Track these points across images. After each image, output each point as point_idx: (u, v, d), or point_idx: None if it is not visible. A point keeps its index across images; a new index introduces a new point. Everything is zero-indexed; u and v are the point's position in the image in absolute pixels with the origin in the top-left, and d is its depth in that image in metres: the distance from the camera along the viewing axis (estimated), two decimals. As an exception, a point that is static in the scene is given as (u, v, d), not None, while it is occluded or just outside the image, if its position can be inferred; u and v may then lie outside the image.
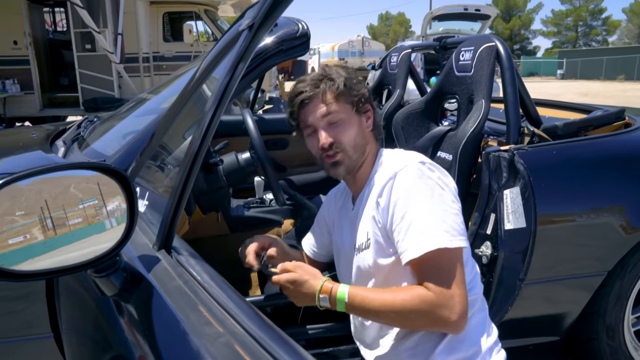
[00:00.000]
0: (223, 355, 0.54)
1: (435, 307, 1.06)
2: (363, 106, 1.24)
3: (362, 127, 1.24)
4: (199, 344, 0.57)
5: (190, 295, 0.65)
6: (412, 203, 1.11)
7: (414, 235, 1.09)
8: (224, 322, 0.58)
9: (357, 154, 1.23)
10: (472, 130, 1.70)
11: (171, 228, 0.79)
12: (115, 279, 0.75)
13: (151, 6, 8.30)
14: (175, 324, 0.62)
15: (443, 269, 1.08)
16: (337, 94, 1.20)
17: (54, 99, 8.41)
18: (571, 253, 1.68)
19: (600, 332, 1.77)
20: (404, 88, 2.64)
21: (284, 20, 1.62)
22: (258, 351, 0.53)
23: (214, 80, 0.87)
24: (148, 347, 0.63)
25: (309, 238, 1.51)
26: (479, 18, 7.67)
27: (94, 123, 1.99)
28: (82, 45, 7.72)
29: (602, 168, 1.70)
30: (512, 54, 14.17)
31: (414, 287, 1.11)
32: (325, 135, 1.20)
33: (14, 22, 7.71)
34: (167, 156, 1.20)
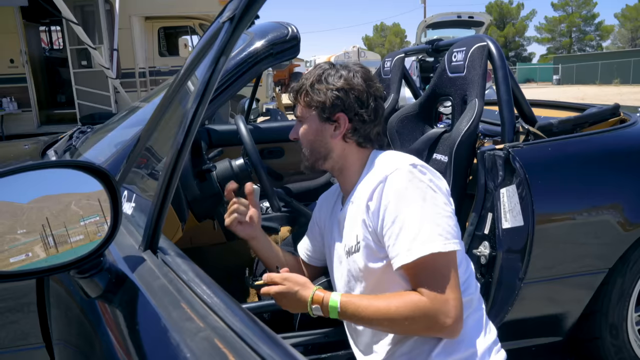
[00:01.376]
0: (201, 349, 0.53)
1: (430, 312, 1.04)
2: (326, 113, 1.21)
3: (322, 133, 1.23)
4: (178, 339, 0.56)
5: (174, 293, 0.64)
6: (403, 207, 1.09)
7: (405, 241, 1.07)
8: (205, 318, 0.57)
9: (314, 157, 1.26)
10: (466, 129, 1.69)
11: (156, 228, 0.77)
12: (99, 279, 0.73)
13: (146, 22, 8.36)
14: (157, 321, 0.61)
15: (437, 273, 1.06)
16: (299, 95, 1.25)
17: (52, 116, 8.44)
18: (570, 251, 1.66)
19: (603, 331, 1.74)
20: (399, 92, 2.63)
21: (274, 24, 1.62)
22: (238, 344, 0.52)
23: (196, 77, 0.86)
24: (131, 346, 0.61)
25: (303, 243, 1.51)
26: (472, 25, 7.72)
27: (85, 133, 1.98)
28: (78, 62, 7.78)
29: (599, 164, 1.69)
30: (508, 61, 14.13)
31: (408, 293, 1.09)
32: (293, 129, 1.28)
33: (10, 41, 7.77)
34: (153, 158, 1.18)
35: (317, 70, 1.24)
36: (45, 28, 10.34)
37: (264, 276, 1.18)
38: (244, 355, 0.51)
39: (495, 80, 1.79)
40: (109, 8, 7.64)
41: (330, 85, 1.20)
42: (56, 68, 9.15)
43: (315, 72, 1.23)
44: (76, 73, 7.78)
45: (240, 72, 1.51)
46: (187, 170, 1.59)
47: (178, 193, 1.52)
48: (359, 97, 1.21)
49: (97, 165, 0.72)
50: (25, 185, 0.70)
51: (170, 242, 0.87)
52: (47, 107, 8.67)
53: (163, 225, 0.78)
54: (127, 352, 0.60)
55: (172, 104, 0.94)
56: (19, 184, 0.68)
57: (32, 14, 8.22)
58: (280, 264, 1.43)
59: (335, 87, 1.20)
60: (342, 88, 1.20)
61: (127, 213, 1.01)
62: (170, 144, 0.75)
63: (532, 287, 1.61)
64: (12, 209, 0.74)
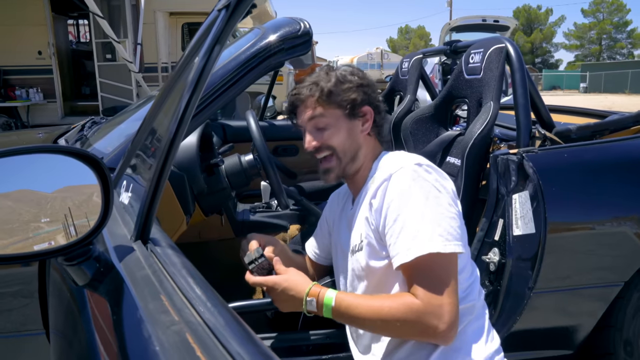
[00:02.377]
0: (171, 343, 0.52)
1: (423, 316, 1.01)
2: (356, 110, 1.21)
3: (353, 131, 1.22)
4: (151, 331, 0.55)
5: (155, 284, 0.63)
6: (405, 206, 1.07)
7: (405, 239, 1.04)
8: (181, 311, 0.56)
9: (347, 159, 1.22)
10: (479, 133, 1.65)
11: (147, 219, 0.76)
12: (87, 267, 0.73)
13: (170, 17, 8.46)
14: (134, 312, 0.60)
15: (434, 275, 1.03)
16: (322, 99, 1.19)
17: (75, 108, 8.62)
18: (584, 262, 1.60)
19: (617, 346, 1.68)
20: (415, 93, 2.60)
21: (287, 19, 1.61)
22: (209, 340, 0.51)
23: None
24: (108, 335, 0.61)
25: (311, 241, 1.50)
26: (497, 29, 7.58)
27: (98, 124, 2.00)
28: (103, 55, 7.92)
29: (618, 172, 1.62)
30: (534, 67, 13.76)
31: (402, 295, 1.06)
32: (310, 138, 1.21)
33: (38, 33, 7.96)
34: (151, 147, 1.18)
35: (326, 74, 1.22)
36: (73, 21, 10.58)
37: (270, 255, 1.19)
38: (212, 351, 0.50)
39: (512, 83, 1.74)
40: (134, 3, 7.76)
41: (354, 82, 1.21)
42: (82, 61, 9.35)
43: (328, 75, 1.21)
44: (100, 66, 7.92)
45: (251, 66, 1.50)
46: (194, 164, 1.59)
47: (184, 186, 1.51)
48: (375, 89, 1.26)
49: (88, 152, 0.72)
50: (16, 169, 0.70)
51: (164, 234, 0.86)
52: (71, 99, 8.86)
53: (154, 216, 0.77)
54: (104, 342, 0.60)
55: (171, 93, 0.93)
56: (9, 167, 0.68)
57: (60, 7, 8.41)
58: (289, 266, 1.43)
59: (359, 82, 1.21)
60: (363, 83, 1.22)
61: (124, 203, 1.00)
62: (164, 133, 0.74)
63: (543, 297, 1.56)
64: (38, 197, 0.76)
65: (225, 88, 1.48)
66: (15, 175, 0.70)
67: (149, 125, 1.00)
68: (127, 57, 7.23)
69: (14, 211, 0.73)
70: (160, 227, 0.95)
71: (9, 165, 0.68)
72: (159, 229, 0.90)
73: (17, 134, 3.09)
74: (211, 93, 1.45)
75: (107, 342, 0.61)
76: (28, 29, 7.96)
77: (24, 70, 8.20)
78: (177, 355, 0.50)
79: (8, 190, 0.71)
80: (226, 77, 1.47)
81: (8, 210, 0.73)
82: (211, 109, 1.47)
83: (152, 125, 1.00)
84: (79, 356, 0.66)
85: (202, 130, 1.71)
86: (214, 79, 1.46)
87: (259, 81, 3.19)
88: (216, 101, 1.47)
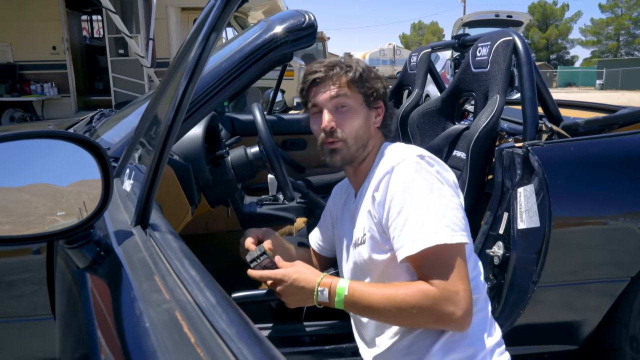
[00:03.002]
0: (160, 320, 0.54)
1: (439, 302, 1.01)
2: (375, 101, 1.22)
3: (368, 121, 1.22)
4: (142, 309, 0.57)
5: (151, 265, 0.65)
6: (409, 198, 1.07)
7: (410, 232, 1.05)
8: (173, 291, 0.58)
9: (356, 146, 1.21)
10: (484, 125, 1.64)
11: (146, 205, 0.78)
12: (87, 251, 0.75)
13: (182, 12, 8.52)
14: (129, 291, 0.62)
15: (445, 264, 1.04)
16: (350, 81, 1.19)
17: (89, 102, 8.75)
18: (589, 256, 1.59)
19: (623, 342, 1.66)
20: (423, 87, 2.59)
21: (292, 11, 1.61)
22: (197, 317, 0.53)
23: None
24: (104, 312, 0.63)
25: (315, 232, 1.51)
26: (511, 24, 7.49)
27: (106, 116, 2.03)
28: (115, 51, 8.02)
29: (625, 167, 1.60)
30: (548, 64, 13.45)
31: (417, 282, 1.06)
32: (330, 118, 1.19)
33: (53, 28, 8.09)
34: (153, 135, 1.20)
35: (353, 62, 1.23)
36: (87, 17, 10.70)
37: (259, 273, 1.16)
38: (198, 326, 0.51)
39: (519, 76, 1.73)
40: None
41: (376, 75, 1.24)
42: (95, 56, 9.48)
43: (356, 63, 1.23)
44: (113, 61, 8.02)
45: (256, 58, 1.50)
46: (200, 155, 1.61)
47: (189, 177, 1.53)
48: (386, 87, 1.27)
49: (88, 138, 0.74)
50: (18, 153, 0.72)
51: (165, 221, 0.88)
52: (85, 94, 8.99)
53: (153, 201, 0.79)
54: (100, 321, 0.62)
55: (171, 82, 0.95)
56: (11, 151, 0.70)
57: (74, 3, 8.52)
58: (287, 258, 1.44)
59: (378, 76, 1.25)
60: (380, 78, 1.25)
61: (127, 190, 1.02)
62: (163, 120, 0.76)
63: (547, 291, 1.55)
64: (54, 191, 0.78)
65: (231, 79, 1.49)
66: (17, 159, 0.72)
67: (151, 114, 1.02)
68: (140, 52, 7.30)
69: (23, 199, 0.75)
70: (161, 214, 0.97)
71: (11, 150, 0.70)
72: (160, 215, 0.91)
73: (31, 126, 3.15)
74: (216, 84, 1.46)
75: (103, 320, 0.63)
76: (43, 25, 8.09)
77: (38, 65, 8.35)
78: (165, 331, 0.52)
79: (10, 173, 0.73)
80: (231, 68, 1.48)
81: (16, 199, 0.75)
82: (216, 100, 1.48)
83: (154, 114, 1.02)
84: (77, 335, 0.68)
85: (208, 122, 1.73)
86: (218, 71, 1.47)
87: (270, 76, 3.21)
88: (221, 92, 1.48)
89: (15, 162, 0.72)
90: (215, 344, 0.49)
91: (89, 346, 0.62)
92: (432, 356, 1.11)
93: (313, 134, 1.25)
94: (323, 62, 1.23)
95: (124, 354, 0.55)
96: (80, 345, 0.68)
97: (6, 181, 0.73)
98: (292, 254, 1.44)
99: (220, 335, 0.50)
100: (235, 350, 0.48)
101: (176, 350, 0.50)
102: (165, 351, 0.50)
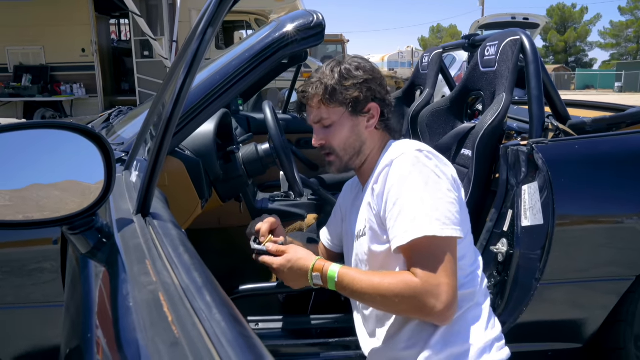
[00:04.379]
0: (144, 300, 0.58)
1: (419, 293, 1.03)
2: (359, 107, 1.21)
3: (357, 127, 1.23)
4: (129, 290, 0.61)
5: (144, 251, 0.69)
6: (404, 191, 1.10)
7: (403, 222, 1.07)
8: (160, 274, 0.62)
9: (348, 156, 1.25)
10: (489, 124, 1.66)
11: (147, 194, 0.82)
12: (89, 237, 0.80)
13: (206, 15, 8.66)
14: (120, 274, 0.67)
15: (431, 256, 1.06)
16: (326, 97, 1.20)
17: (115, 102, 8.99)
18: (593, 255, 1.58)
19: (628, 341, 1.65)
20: (434, 87, 2.60)
21: (301, 11, 1.66)
22: (178, 298, 0.57)
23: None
24: (95, 296, 0.68)
25: (325, 229, 1.55)
26: (527, 27, 7.37)
27: (124, 113, 2.11)
28: (141, 53, 8.23)
29: (631, 165, 1.59)
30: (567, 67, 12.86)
31: (402, 273, 1.09)
32: (316, 137, 1.26)
33: (82, 32, 8.38)
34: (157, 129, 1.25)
35: (331, 70, 1.22)
36: (115, 21, 11.01)
37: (268, 245, 1.22)
38: (177, 306, 0.55)
39: (526, 75, 1.73)
40: (171, 2, 8.01)
41: (358, 79, 1.20)
42: (122, 58, 9.75)
43: (332, 71, 1.21)
44: (138, 63, 8.24)
45: (265, 56, 1.54)
46: (211, 150, 1.66)
47: (199, 171, 1.59)
48: (382, 83, 1.25)
49: (91, 129, 0.79)
50: (25, 143, 0.78)
51: (167, 211, 0.92)
52: (111, 94, 9.26)
53: (154, 191, 0.83)
54: (93, 301, 0.67)
55: (173, 78, 1.00)
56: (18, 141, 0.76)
57: (103, 7, 8.79)
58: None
59: (363, 78, 1.21)
60: (368, 78, 1.21)
61: (133, 181, 1.08)
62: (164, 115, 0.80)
63: (550, 289, 1.55)
64: (82, 188, 0.82)
65: (241, 77, 1.54)
66: (23, 148, 0.77)
67: (157, 108, 1.07)
68: (163, 54, 7.48)
69: (33, 189, 0.80)
70: (165, 205, 1.02)
71: (18, 139, 0.76)
72: (163, 206, 0.96)
73: None
74: (227, 81, 1.51)
75: (95, 302, 0.68)
76: (73, 29, 8.40)
77: (68, 67, 8.66)
78: (146, 310, 0.56)
79: (16, 162, 0.78)
80: (241, 66, 1.52)
81: (28, 189, 0.80)
82: (227, 96, 1.52)
83: (158, 108, 1.07)
84: (73, 318, 0.73)
85: (220, 119, 1.78)
86: (228, 69, 1.52)
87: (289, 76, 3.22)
88: (232, 89, 1.52)
89: (21, 151, 0.77)
90: (190, 323, 0.52)
91: (82, 327, 0.66)
92: (430, 348, 1.13)
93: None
94: (312, 78, 1.24)
95: (111, 332, 0.58)
96: (74, 327, 0.72)
97: (14, 169, 0.78)
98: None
99: (198, 315, 0.53)
100: (209, 329, 0.50)
101: (153, 328, 0.53)
102: (142, 329, 0.53)
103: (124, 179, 1.13)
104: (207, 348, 0.46)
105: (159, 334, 0.51)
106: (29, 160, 0.80)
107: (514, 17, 7.33)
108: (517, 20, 7.25)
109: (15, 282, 1.48)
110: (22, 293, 1.49)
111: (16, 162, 0.78)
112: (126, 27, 11.02)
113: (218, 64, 1.60)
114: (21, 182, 0.78)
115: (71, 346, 0.64)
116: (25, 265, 1.49)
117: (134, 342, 0.51)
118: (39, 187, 0.80)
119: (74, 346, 0.63)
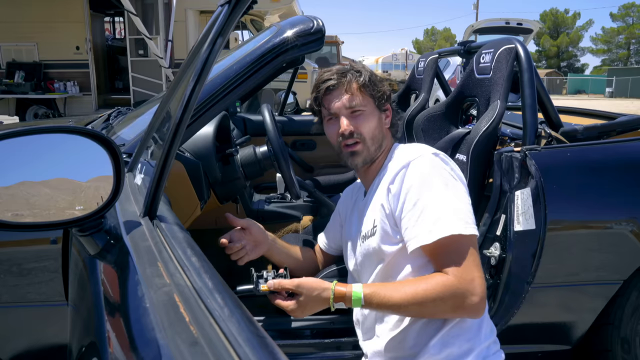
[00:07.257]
0: (160, 301, 0.60)
1: (458, 291, 1.07)
2: (383, 104, 1.30)
3: (380, 122, 1.29)
4: (144, 291, 0.63)
5: (155, 253, 0.71)
6: (425, 191, 1.13)
7: (426, 223, 1.10)
8: (173, 276, 0.64)
9: (374, 146, 1.28)
10: (484, 130, 1.69)
11: (155, 197, 0.84)
12: (97, 239, 0.82)
13: (201, 15, 8.68)
14: (133, 276, 0.69)
15: (459, 254, 1.09)
16: (361, 86, 1.25)
17: (109, 100, 8.97)
18: (583, 259, 1.62)
19: (614, 344, 1.69)
20: (429, 92, 2.64)
21: (301, 17, 1.68)
22: (193, 299, 0.59)
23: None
24: (109, 297, 0.69)
25: (324, 232, 1.58)
26: (521, 32, 7.45)
27: (123, 114, 2.12)
28: (136, 51, 8.22)
29: (620, 173, 1.63)
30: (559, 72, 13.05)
31: (433, 276, 1.11)
32: (347, 122, 1.25)
33: (77, 29, 8.33)
34: (164, 132, 1.27)
35: (361, 67, 1.31)
36: (109, 19, 10.96)
37: (272, 283, 1.15)
38: (193, 307, 0.57)
39: (520, 83, 1.77)
40: (167, 1, 8.01)
41: (381, 78, 1.31)
42: (116, 56, 9.72)
43: (364, 68, 1.30)
44: (133, 61, 8.23)
45: (266, 61, 1.56)
46: (210, 153, 1.68)
47: (199, 173, 1.61)
48: (391, 89, 1.39)
49: (101, 132, 0.81)
50: (32, 148, 0.80)
51: (172, 214, 0.94)
52: (105, 92, 9.23)
53: (161, 194, 0.85)
54: (106, 304, 0.69)
55: (181, 81, 1.02)
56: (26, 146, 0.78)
57: (98, 5, 8.75)
58: (294, 261, 1.49)
59: (383, 80, 1.32)
60: (385, 81, 1.34)
61: (138, 184, 1.10)
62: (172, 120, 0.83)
63: (541, 292, 1.60)
64: (73, 186, 0.83)
65: (241, 81, 1.56)
66: (36, 151, 0.79)
67: (162, 112, 1.09)
68: (158, 53, 7.47)
69: (43, 192, 0.82)
70: (169, 207, 1.04)
71: (31, 143, 0.78)
72: (168, 208, 0.98)
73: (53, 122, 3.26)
74: (227, 85, 1.53)
75: (108, 303, 0.69)
76: (67, 26, 8.36)
77: (62, 65, 8.62)
78: (163, 310, 0.58)
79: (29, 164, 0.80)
80: (241, 70, 1.55)
81: (37, 191, 0.82)
82: (227, 100, 1.55)
83: (165, 112, 1.09)
84: (85, 317, 0.75)
85: (219, 122, 1.80)
86: (229, 73, 1.54)
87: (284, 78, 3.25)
88: (232, 93, 1.54)
89: (34, 154, 0.79)
90: (207, 323, 0.54)
91: (95, 326, 0.68)
92: (429, 350, 1.16)
93: (328, 139, 1.32)
94: (332, 70, 1.29)
95: (126, 332, 0.60)
96: (87, 326, 0.74)
97: (26, 171, 0.80)
98: (291, 254, 1.52)
99: (213, 315, 0.55)
100: (225, 329, 0.52)
101: (172, 328, 0.54)
102: (162, 329, 0.55)
103: (128, 182, 1.15)
104: (225, 347, 0.48)
105: (179, 334, 0.53)
106: (40, 164, 0.82)
107: (507, 22, 7.40)
108: (511, 25, 7.31)
109: (12, 281, 1.48)
110: (19, 292, 1.50)
111: (27, 165, 0.80)
112: (121, 25, 10.97)
113: (219, 68, 1.63)
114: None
115: (84, 344, 0.66)
116: (22, 265, 1.50)
117: (154, 342, 0.53)
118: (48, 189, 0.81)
119: (87, 344, 0.65)
